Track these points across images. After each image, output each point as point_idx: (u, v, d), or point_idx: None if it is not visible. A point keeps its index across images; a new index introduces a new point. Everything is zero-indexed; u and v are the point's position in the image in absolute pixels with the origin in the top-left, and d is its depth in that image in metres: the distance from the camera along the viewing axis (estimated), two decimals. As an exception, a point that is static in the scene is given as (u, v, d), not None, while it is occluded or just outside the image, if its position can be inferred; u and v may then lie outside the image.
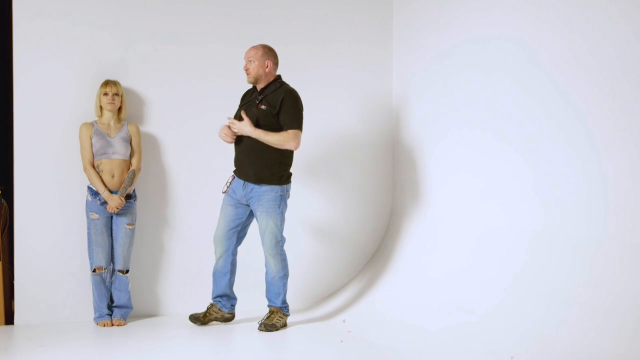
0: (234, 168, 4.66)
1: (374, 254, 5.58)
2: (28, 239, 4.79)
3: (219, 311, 4.68)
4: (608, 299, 3.52)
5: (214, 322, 4.70)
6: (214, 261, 4.70)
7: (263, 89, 4.57)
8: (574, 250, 3.82)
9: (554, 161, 4.00)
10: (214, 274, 4.70)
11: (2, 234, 4.82)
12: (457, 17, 4.85)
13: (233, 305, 4.73)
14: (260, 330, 4.50)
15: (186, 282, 5.11)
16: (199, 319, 4.63)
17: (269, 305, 4.64)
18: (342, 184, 5.52)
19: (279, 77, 4.64)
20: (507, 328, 3.90)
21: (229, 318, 4.72)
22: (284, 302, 4.65)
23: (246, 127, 4.47)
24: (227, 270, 4.66)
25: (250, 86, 4.69)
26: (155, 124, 5.02)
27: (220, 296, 4.68)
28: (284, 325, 4.60)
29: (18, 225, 4.79)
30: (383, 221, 5.64)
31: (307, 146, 5.39)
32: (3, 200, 4.91)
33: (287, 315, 4.65)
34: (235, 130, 4.50)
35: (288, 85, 4.62)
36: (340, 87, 5.51)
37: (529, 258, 4.10)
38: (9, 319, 4.78)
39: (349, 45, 5.54)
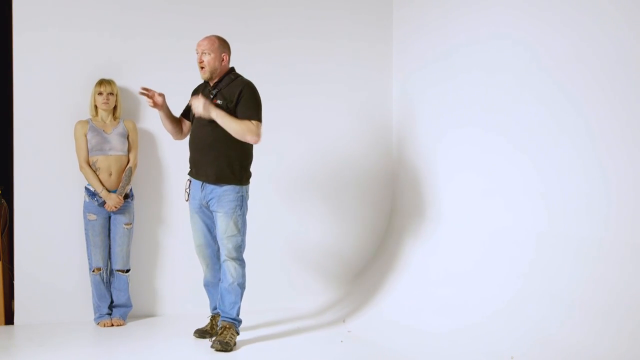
0: (190, 169, 4.31)
1: (374, 254, 5.57)
2: (28, 239, 4.79)
3: None
4: (609, 299, 3.51)
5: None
6: (202, 273, 4.46)
7: (217, 83, 4.20)
8: (575, 251, 3.82)
9: (555, 161, 4.00)
10: (206, 285, 4.44)
11: (2, 234, 4.82)
12: (458, 16, 4.84)
13: None
14: (215, 348, 4.06)
15: (185, 281, 5.10)
16: (208, 332, 4.35)
17: (222, 319, 4.19)
18: (342, 183, 5.52)
19: (232, 69, 4.28)
20: (509, 329, 3.89)
21: None
22: (238, 314, 4.21)
23: (205, 109, 4.01)
24: (218, 278, 4.36)
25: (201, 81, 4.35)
26: (151, 121, 5.01)
27: None
28: (235, 345, 4.15)
29: (18, 225, 4.79)
30: (384, 221, 5.63)
31: (307, 145, 5.39)
32: (3, 200, 4.92)
33: (238, 334, 4.20)
34: (199, 111, 4.01)
35: (243, 77, 4.26)
36: (340, 85, 5.50)
37: (531, 259, 4.09)
38: (9, 319, 4.78)
39: (349, 42, 5.53)
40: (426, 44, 5.21)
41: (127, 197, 4.75)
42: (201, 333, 4.40)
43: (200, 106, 4.04)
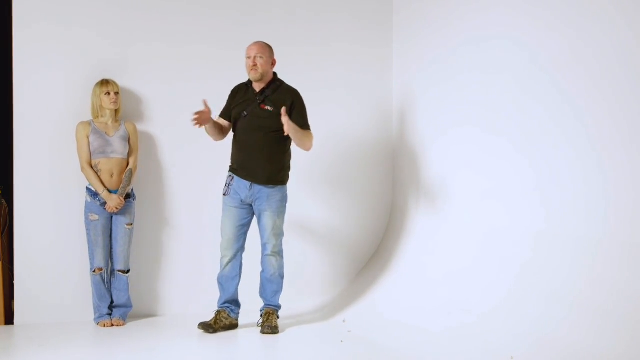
0: (233, 168, 4.55)
1: (374, 254, 5.58)
2: (28, 239, 4.79)
3: (228, 317, 4.55)
4: (608, 299, 3.52)
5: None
6: (220, 267, 4.58)
7: (263, 89, 4.46)
8: (574, 250, 3.82)
9: (553, 161, 4.00)
10: (221, 278, 4.57)
11: (2, 234, 4.82)
12: (457, 17, 4.85)
13: (239, 312, 4.64)
14: (266, 332, 4.41)
15: (186, 282, 5.11)
16: (211, 326, 4.45)
17: (266, 306, 4.57)
18: (342, 184, 5.52)
19: (275, 74, 4.56)
20: (507, 328, 3.90)
21: (235, 325, 4.60)
22: (279, 300, 4.59)
23: (290, 127, 4.30)
24: (235, 274, 4.56)
25: (231, 84, 4.65)
26: (152, 122, 5.01)
27: (229, 302, 4.58)
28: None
29: (18, 225, 4.79)
30: (383, 221, 5.63)
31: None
32: (3, 200, 4.92)
33: (278, 318, 4.58)
34: (289, 131, 4.29)
35: (286, 84, 4.56)
36: (341, 87, 5.51)
37: (529, 258, 4.10)
38: (9, 319, 4.78)
39: (349, 45, 5.53)
40: (426, 46, 5.21)
41: (129, 197, 4.75)
42: (205, 326, 4.46)
43: (289, 127, 4.28)
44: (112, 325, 4.66)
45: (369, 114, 5.60)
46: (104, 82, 4.73)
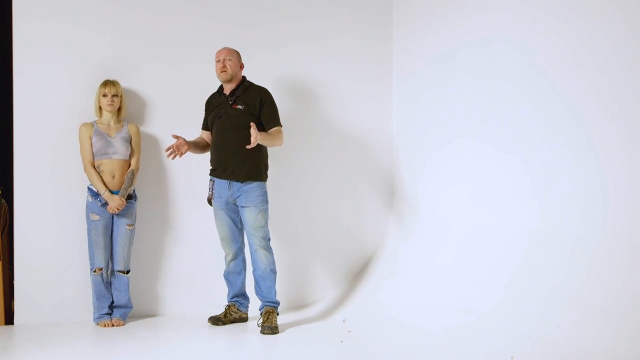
0: (212, 169, 4.70)
1: (374, 254, 5.58)
2: (28, 239, 4.79)
3: (238, 311, 4.79)
4: (608, 298, 3.52)
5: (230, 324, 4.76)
6: (225, 263, 4.78)
7: (233, 90, 4.63)
8: (573, 250, 3.82)
9: (553, 161, 4.00)
10: (227, 275, 4.78)
11: (2, 234, 4.82)
12: (457, 18, 4.85)
13: (248, 306, 4.85)
14: (266, 333, 4.44)
15: (186, 282, 5.11)
16: (221, 320, 4.70)
17: (265, 304, 4.60)
18: (342, 183, 5.52)
19: (244, 77, 4.73)
20: (507, 328, 3.90)
21: (245, 318, 4.82)
22: (276, 295, 4.64)
23: (259, 135, 4.36)
24: (240, 269, 4.77)
25: (205, 94, 4.82)
26: (154, 124, 5.02)
27: (237, 296, 4.79)
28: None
29: (18, 225, 4.79)
30: (383, 221, 5.63)
31: (306, 146, 5.39)
32: (3, 200, 4.92)
33: (278, 315, 4.64)
34: (257, 141, 4.34)
35: (255, 84, 4.71)
36: (340, 85, 5.50)
37: (528, 258, 4.10)
38: (9, 319, 4.78)
39: (349, 43, 5.53)
40: (426, 45, 5.21)
41: (130, 197, 4.76)
42: (214, 320, 4.70)
43: (256, 138, 4.32)
44: (112, 325, 4.66)
45: (368, 113, 5.59)
46: (104, 83, 4.74)
